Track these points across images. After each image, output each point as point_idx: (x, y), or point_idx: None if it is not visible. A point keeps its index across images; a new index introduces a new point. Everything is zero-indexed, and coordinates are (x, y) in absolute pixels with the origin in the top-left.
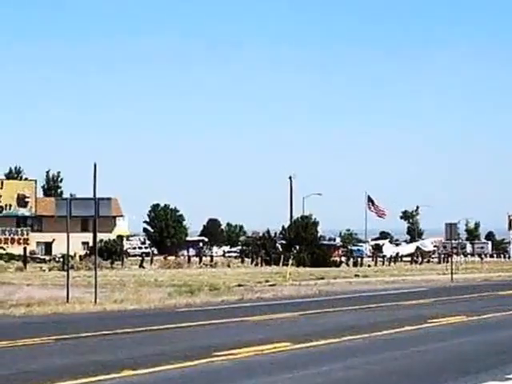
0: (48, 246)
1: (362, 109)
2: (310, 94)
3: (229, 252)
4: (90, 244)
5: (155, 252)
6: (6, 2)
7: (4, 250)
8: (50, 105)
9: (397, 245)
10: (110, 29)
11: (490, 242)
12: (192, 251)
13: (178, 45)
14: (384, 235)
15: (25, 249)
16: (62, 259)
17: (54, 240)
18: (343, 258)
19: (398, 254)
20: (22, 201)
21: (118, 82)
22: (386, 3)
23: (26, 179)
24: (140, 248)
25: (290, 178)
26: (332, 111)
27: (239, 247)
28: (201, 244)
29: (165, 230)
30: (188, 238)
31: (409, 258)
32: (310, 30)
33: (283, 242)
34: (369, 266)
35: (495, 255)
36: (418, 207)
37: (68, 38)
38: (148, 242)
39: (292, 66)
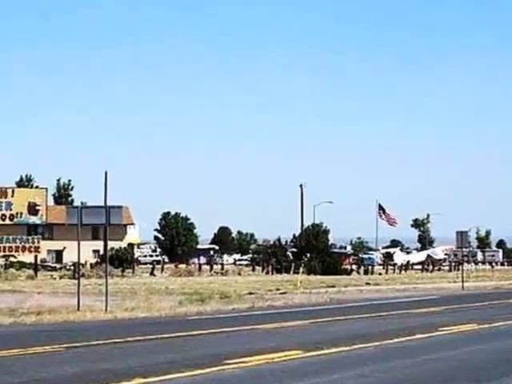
0: (59, 254)
1: (374, 117)
2: (321, 102)
3: (239, 260)
4: (101, 252)
5: (166, 260)
6: (20, 12)
7: (15, 258)
8: (61, 113)
9: (408, 253)
10: (121, 37)
11: (500, 250)
12: (203, 259)
13: (189, 52)
14: (395, 243)
15: (36, 257)
16: (72, 267)
17: (64, 248)
18: (354, 266)
19: (408, 262)
20: (32, 209)
21: (129, 90)
22: (399, 12)
23: (36, 187)
24: (151, 256)
25: (301, 186)
26: (343, 119)
27: (250, 255)
28: (211, 252)
29: (175, 238)
30: (199, 246)
31: (420, 266)
32: (323, 38)
33: (294, 250)
34: (380, 274)
35: (506, 263)
36: (428, 215)
37: (79, 47)
38: (159, 249)
39: (304, 74)
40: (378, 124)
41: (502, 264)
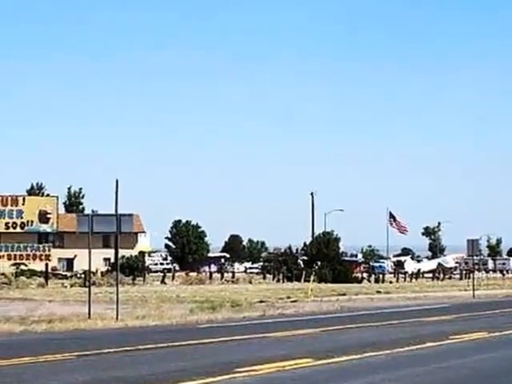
0: (70, 262)
1: (384, 124)
2: (332, 109)
3: (250, 268)
4: (112, 260)
5: (177, 268)
6: (32, 22)
7: (26, 266)
8: (73, 122)
9: (418, 261)
10: (131, 43)
11: (511, 258)
12: (214, 267)
13: (200, 59)
14: (406, 251)
15: (46, 265)
16: (83, 275)
17: (75, 256)
18: (365, 275)
19: (419, 270)
20: (43, 217)
21: (139, 97)
22: (407, 19)
23: (47, 195)
24: (162, 264)
25: (312, 194)
26: (353, 127)
27: (261, 263)
28: (222, 260)
29: (186, 246)
30: (210, 254)
31: (430, 275)
32: (333, 46)
33: (305, 258)
34: (390, 282)
35: None
36: (439, 223)
37: (89, 54)
38: (170, 258)
39: (315, 82)
40: (389, 132)
41: None
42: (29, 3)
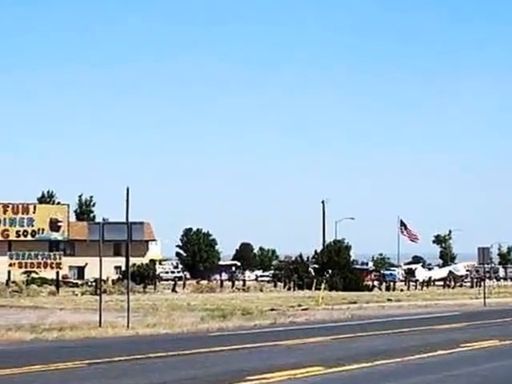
0: (80, 271)
1: (394, 133)
2: (343, 118)
3: (261, 276)
4: (123, 268)
5: (188, 276)
6: (45, 30)
7: (37, 274)
8: (83, 130)
9: (429, 269)
10: (143, 52)
11: None
12: (224, 275)
13: (212, 68)
14: (416, 259)
15: (57, 273)
16: (94, 283)
17: (86, 264)
18: (376, 283)
19: (430, 278)
20: (54, 225)
21: (150, 105)
22: (415, 28)
23: (58, 203)
24: (172, 272)
25: (323, 202)
26: (364, 135)
27: (272, 271)
28: (233, 268)
29: (197, 255)
30: (220, 263)
31: (441, 283)
32: (344, 55)
33: (316, 266)
34: (401, 290)
35: None
36: (450, 231)
37: (100, 63)
38: (180, 266)
39: (326, 90)
40: (399, 140)
41: None
42: (41, 12)
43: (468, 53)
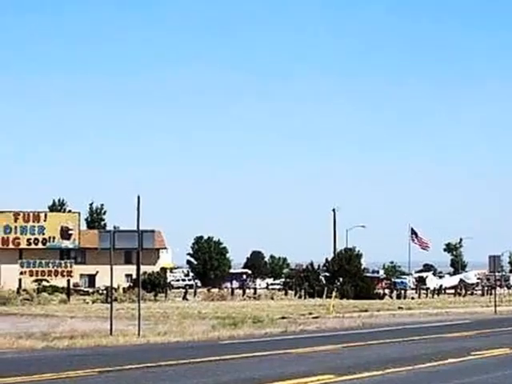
0: (91, 279)
1: (405, 140)
2: (353, 126)
3: (272, 284)
4: (134, 276)
5: (199, 284)
6: (57, 37)
7: (48, 282)
8: (94, 138)
9: (440, 277)
10: (154, 61)
11: None
12: (235, 283)
13: (223, 76)
14: (427, 267)
15: (68, 281)
16: (105, 291)
17: (97, 272)
18: (387, 291)
19: (441, 286)
20: (65, 233)
21: (161, 114)
22: (428, 36)
23: (69, 211)
24: (183, 280)
25: (334, 210)
26: (375, 143)
27: (283, 279)
28: (244, 276)
29: (208, 263)
30: (231, 271)
31: (452, 291)
32: (354, 63)
33: (327, 274)
34: (412, 298)
35: None
36: (461, 239)
37: (111, 71)
38: (191, 274)
39: (336, 98)
40: (410, 148)
41: None
42: (54, 21)
43: (481, 61)
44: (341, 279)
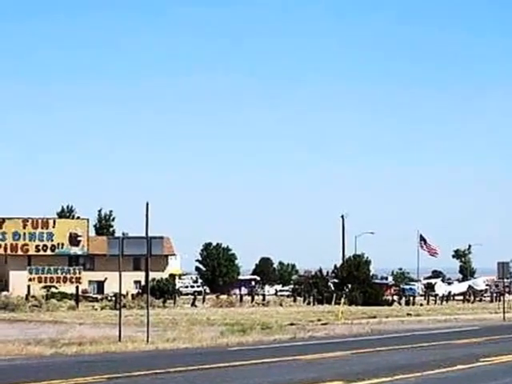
0: (100, 285)
1: (414, 147)
2: (362, 132)
3: (281, 291)
4: (143, 283)
5: (207, 291)
6: (61, 44)
7: (56, 288)
8: (103, 144)
9: (449, 284)
10: (161, 66)
11: None
12: (244, 290)
13: (231, 83)
14: (436, 274)
15: (77, 288)
16: (114, 298)
17: (106, 279)
18: (395, 297)
19: (450, 292)
20: (74, 239)
21: (169, 120)
22: (439, 43)
23: (78, 218)
24: (192, 287)
25: (342, 216)
26: (383, 150)
27: (291, 286)
28: (253, 283)
29: (217, 269)
30: (240, 277)
31: (461, 297)
32: (361, 69)
33: (335, 280)
34: (421, 304)
35: None
36: (470, 246)
37: (119, 77)
38: (200, 280)
39: (345, 105)
40: (418, 154)
41: None
42: (58, 26)
43: (491, 67)
44: (349, 286)
